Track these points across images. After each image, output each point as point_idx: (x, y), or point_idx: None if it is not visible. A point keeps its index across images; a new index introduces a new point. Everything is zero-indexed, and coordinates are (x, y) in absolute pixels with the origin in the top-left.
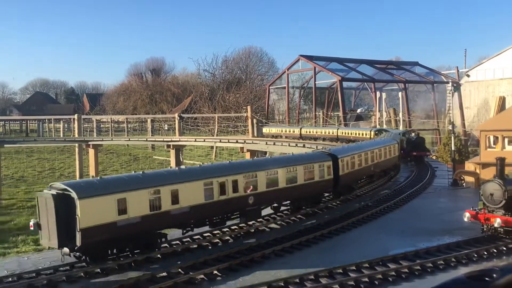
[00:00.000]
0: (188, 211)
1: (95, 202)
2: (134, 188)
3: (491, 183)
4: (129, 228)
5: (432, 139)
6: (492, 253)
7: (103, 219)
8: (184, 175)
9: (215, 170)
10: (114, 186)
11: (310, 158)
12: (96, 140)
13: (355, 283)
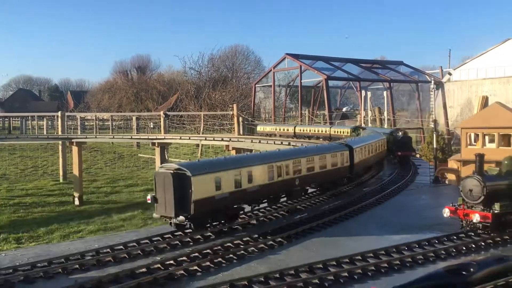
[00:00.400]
0: (258, 189)
1: (202, 179)
2: (225, 169)
3: (470, 179)
4: (222, 201)
5: (416, 137)
6: (470, 248)
7: (207, 193)
8: (255, 159)
9: (274, 156)
10: (211, 166)
11: (334, 148)
12: (79, 137)
13: (335, 278)
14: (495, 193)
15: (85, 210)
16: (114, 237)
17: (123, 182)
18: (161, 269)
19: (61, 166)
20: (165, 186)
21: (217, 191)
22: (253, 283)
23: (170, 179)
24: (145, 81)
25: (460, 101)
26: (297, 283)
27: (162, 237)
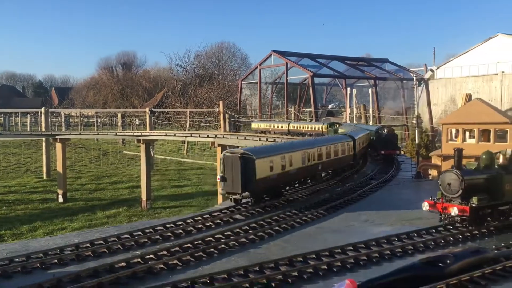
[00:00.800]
0: (296, 172)
1: (262, 161)
2: (275, 153)
3: (449, 173)
4: (273, 181)
5: (401, 135)
6: (448, 241)
7: (265, 174)
8: (294, 146)
9: (304, 144)
10: (267, 151)
11: (342, 139)
12: (63, 134)
13: (314, 270)
14: (473, 187)
15: (69, 207)
16: (94, 232)
17: (108, 179)
18: (140, 263)
19: (45, 163)
20: (233, 168)
21: (271, 172)
22: (233, 276)
23: (238, 161)
24: (130, 78)
25: (444, 98)
26: (276, 276)
27: (143, 231)
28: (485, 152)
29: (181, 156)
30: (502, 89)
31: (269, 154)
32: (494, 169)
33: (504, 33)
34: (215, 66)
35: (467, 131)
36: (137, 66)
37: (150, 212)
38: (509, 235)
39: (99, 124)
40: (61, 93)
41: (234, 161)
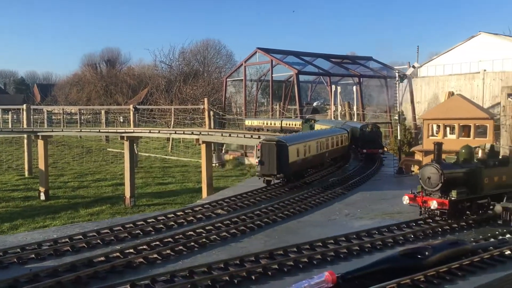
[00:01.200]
0: (312, 159)
1: (293, 148)
2: (301, 141)
3: (428, 167)
4: (298, 165)
5: (385, 132)
6: (428, 234)
7: (294, 158)
8: (310, 136)
9: (316, 134)
10: (295, 139)
11: (341, 131)
12: (45, 131)
13: (294, 263)
14: (452, 180)
15: (51, 205)
16: (74, 228)
17: (91, 177)
18: (120, 257)
19: (26, 161)
20: (270, 153)
21: (298, 157)
22: (213, 269)
23: (274, 147)
24: (114, 75)
25: (427, 96)
26: (257, 269)
27: (123, 226)
28: (464, 146)
29: (166, 153)
30: (484, 87)
31: (296, 142)
32: (473, 163)
33: (486, 32)
34: (200, 63)
35: (448, 126)
36: (121, 63)
37: (134, 210)
38: (487, 228)
39: (82, 121)
40: (44, 90)
41: (271, 147)
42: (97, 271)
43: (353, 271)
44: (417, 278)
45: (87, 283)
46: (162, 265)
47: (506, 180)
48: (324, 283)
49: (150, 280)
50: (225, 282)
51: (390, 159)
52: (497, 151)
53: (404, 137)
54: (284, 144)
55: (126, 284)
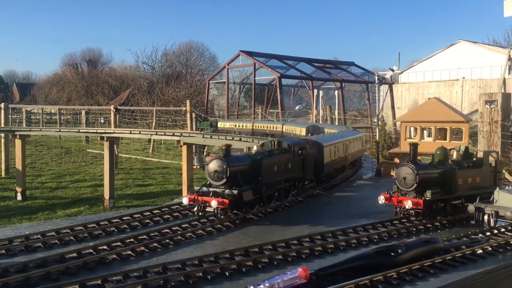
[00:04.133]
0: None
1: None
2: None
3: (404, 167)
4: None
5: (366, 137)
6: (402, 233)
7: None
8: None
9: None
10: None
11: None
12: (23, 130)
13: (269, 260)
14: (427, 181)
15: (28, 205)
16: (47, 225)
17: (70, 178)
18: (92, 254)
19: (3, 160)
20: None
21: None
22: (187, 266)
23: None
24: (96, 75)
25: (407, 102)
26: (231, 265)
27: (98, 224)
28: (439, 148)
29: (147, 155)
30: (463, 94)
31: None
32: (447, 164)
33: (465, 40)
34: (183, 65)
35: (425, 129)
36: (102, 63)
37: (113, 211)
38: (460, 228)
39: (62, 121)
40: (23, 89)
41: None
42: (69, 267)
43: (326, 268)
44: (390, 275)
45: (57, 279)
46: (136, 261)
47: (480, 181)
48: (297, 278)
49: (123, 276)
50: (198, 278)
51: (369, 162)
52: (471, 153)
53: (384, 142)
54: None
55: (98, 280)
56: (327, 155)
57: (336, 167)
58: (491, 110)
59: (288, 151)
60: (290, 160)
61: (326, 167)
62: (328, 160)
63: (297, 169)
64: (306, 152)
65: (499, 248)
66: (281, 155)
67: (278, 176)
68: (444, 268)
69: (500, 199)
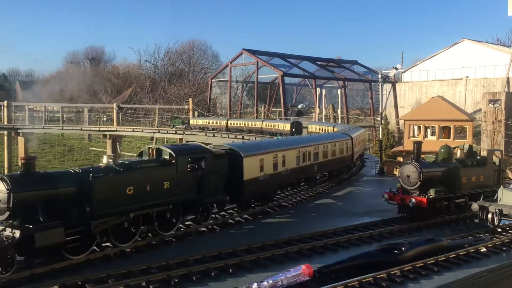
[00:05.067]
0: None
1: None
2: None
3: (408, 165)
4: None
5: (369, 135)
6: (404, 232)
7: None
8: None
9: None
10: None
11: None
12: (26, 128)
13: (271, 257)
14: (430, 179)
15: None
16: None
17: None
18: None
19: (6, 158)
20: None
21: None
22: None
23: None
24: (98, 73)
25: (410, 101)
26: (234, 262)
27: None
28: (443, 146)
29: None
30: (466, 94)
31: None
32: (451, 163)
33: (469, 39)
34: (186, 63)
35: (428, 128)
36: (105, 61)
37: None
38: (464, 226)
39: (64, 119)
40: (26, 87)
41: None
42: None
43: (330, 265)
44: (393, 272)
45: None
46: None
47: (484, 180)
48: (300, 276)
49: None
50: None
51: (372, 161)
52: (475, 151)
53: (387, 141)
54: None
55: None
56: (251, 169)
57: (279, 183)
58: (494, 109)
59: (167, 163)
60: (170, 176)
61: (250, 185)
62: (255, 175)
63: (183, 188)
64: (207, 164)
65: (503, 246)
66: (149, 170)
67: (137, 202)
68: (448, 266)
69: (504, 197)
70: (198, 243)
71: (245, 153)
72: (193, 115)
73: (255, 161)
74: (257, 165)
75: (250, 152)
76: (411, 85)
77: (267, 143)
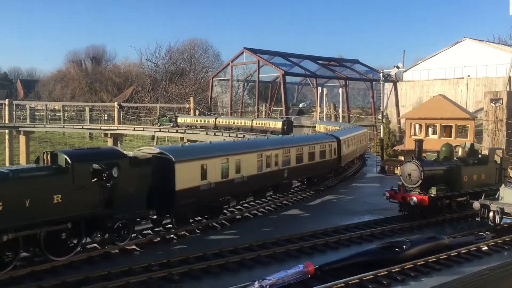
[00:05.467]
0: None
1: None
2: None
3: (409, 163)
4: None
5: (370, 134)
6: (405, 230)
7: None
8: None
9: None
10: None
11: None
12: (27, 126)
13: (272, 255)
14: (432, 177)
15: None
16: None
17: None
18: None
19: (7, 157)
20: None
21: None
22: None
23: None
24: (100, 72)
25: (412, 100)
26: (235, 259)
27: None
28: (445, 144)
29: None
30: (468, 93)
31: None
32: (453, 161)
33: (471, 38)
34: (187, 62)
35: (430, 126)
36: (106, 60)
37: None
38: (465, 224)
39: (66, 118)
40: (27, 86)
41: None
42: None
43: (331, 263)
44: (395, 270)
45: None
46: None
47: (485, 178)
48: (301, 273)
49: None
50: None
51: (373, 160)
52: (476, 150)
53: (388, 140)
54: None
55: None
56: (188, 176)
57: (231, 193)
58: (496, 108)
59: (61, 172)
60: (63, 187)
61: (186, 196)
62: (194, 184)
63: (84, 202)
64: (121, 172)
65: (505, 245)
66: (28, 181)
67: (10, 221)
68: (449, 265)
69: (506, 196)
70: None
71: (179, 157)
72: (194, 114)
73: (194, 167)
74: (197, 172)
75: (185, 157)
76: (412, 84)
77: (215, 146)
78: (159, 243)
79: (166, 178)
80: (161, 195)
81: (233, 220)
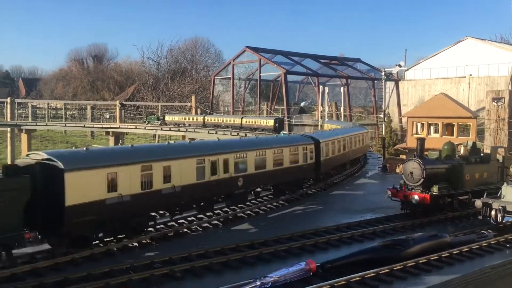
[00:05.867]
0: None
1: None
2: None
3: (411, 162)
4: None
5: (371, 134)
6: (407, 228)
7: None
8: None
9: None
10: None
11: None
12: (29, 124)
13: (274, 252)
14: (434, 176)
15: None
16: None
17: None
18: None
19: (9, 155)
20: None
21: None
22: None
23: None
24: (101, 70)
25: (413, 99)
26: (236, 257)
27: None
28: (447, 143)
29: None
30: (470, 92)
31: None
32: (455, 160)
33: (473, 37)
34: (188, 61)
35: (432, 125)
36: (108, 58)
37: None
38: (467, 223)
39: (67, 116)
40: (29, 84)
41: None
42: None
43: (332, 261)
44: (397, 268)
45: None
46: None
47: (487, 177)
48: (303, 271)
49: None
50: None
51: (375, 158)
52: (478, 148)
53: (390, 139)
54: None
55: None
56: (86, 188)
57: (157, 206)
58: (498, 107)
59: None
60: None
61: (81, 213)
62: (96, 198)
63: None
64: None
65: (506, 243)
66: None
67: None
68: (451, 263)
69: (508, 194)
70: None
71: (71, 165)
72: (195, 112)
73: (96, 176)
74: (101, 183)
75: (81, 164)
76: (414, 83)
77: (135, 150)
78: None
79: (53, 190)
80: (46, 212)
81: (165, 236)
